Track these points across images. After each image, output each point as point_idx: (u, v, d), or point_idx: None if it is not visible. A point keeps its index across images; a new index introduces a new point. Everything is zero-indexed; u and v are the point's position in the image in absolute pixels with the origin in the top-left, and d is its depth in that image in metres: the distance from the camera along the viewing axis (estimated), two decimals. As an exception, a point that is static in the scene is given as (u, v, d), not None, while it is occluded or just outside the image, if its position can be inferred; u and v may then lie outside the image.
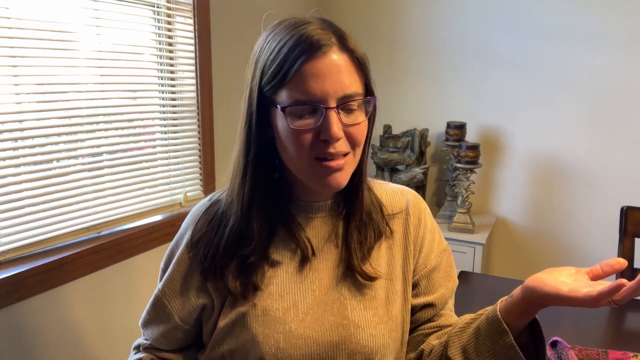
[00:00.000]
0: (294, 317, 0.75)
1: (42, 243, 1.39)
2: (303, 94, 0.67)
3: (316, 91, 0.66)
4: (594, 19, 2.17)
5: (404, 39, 2.51)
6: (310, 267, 0.78)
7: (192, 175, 1.87)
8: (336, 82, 0.67)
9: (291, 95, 0.67)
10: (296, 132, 0.68)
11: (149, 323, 0.85)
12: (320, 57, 0.67)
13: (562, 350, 1.06)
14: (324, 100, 0.67)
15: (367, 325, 0.76)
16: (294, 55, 0.67)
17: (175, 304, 0.82)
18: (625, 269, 0.70)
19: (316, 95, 0.67)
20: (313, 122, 0.68)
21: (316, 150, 0.69)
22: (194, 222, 0.81)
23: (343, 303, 0.77)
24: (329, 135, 0.67)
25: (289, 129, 0.69)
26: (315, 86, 0.66)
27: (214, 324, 0.79)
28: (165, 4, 1.69)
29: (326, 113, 0.67)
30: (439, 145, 2.52)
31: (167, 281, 0.82)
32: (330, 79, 0.67)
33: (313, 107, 0.68)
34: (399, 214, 0.84)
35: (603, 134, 2.24)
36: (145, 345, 0.86)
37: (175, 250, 0.83)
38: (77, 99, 1.43)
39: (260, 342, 0.73)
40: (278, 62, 0.68)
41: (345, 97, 0.68)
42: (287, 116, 0.68)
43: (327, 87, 0.66)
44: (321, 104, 0.67)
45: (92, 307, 1.52)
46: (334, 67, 0.67)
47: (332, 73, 0.67)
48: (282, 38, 0.69)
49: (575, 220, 2.34)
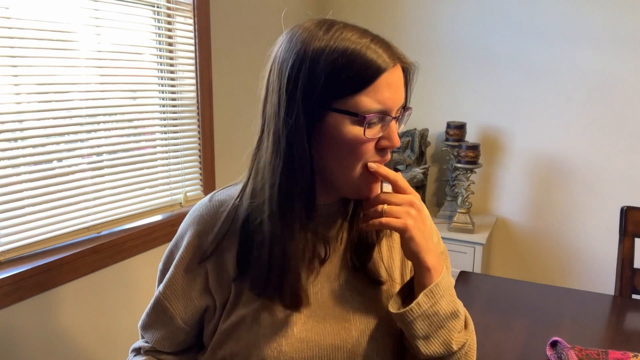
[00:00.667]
0: (296, 320, 0.75)
1: (42, 243, 1.39)
2: (379, 103, 0.67)
3: (389, 101, 0.68)
4: (594, 19, 2.17)
5: (404, 39, 2.51)
6: (315, 270, 0.77)
7: (192, 175, 1.87)
8: (400, 94, 0.70)
9: (366, 103, 0.67)
10: (365, 140, 0.69)
11: (150, 326, 0.84)
12: (392, 69, 0.69)
13: (562, 350, 1.06)
14: (392, 111, 0.70)
15: (368, 328, 0.76)
16: (374, 65, 0.67)
17: (177, 306, 0.80)
18: (626, 268, 0.70)
19: (388, 105, 0.68)
20: (378, 130, 0.70)
21: (372, 158, 0.71)
22: (196, 222, 0.79)
23: (345, 306, 0.77)
24: (393, 143, 0.70)
25: (358, 137, 0.68)
26: (389, 96, 0.68)
27: (215, 326, 0.79)
28: (165, 4, 1.69)
29: (391, 123, 0.70)
30: (439, 145, 2.52)
31: (169, 283, 0.81)
32: (397, 90, 0.70)
33: (385, 117, 0.69)
34: None
35: (603, 134, 2.24)
36: (146, 348, 0.85)
37: (176, 251, 0.81)
38: (77, 99, 1.43)
39: (262, 345, 0.73)
40: (354, 69, 0.66)
41: (401, 109, 0.72)
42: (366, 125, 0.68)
43: (396, 98, 0.69)
44: (390, 115, 0.70)
45: (92, 307, 1.52)
46: (400, 80, 0.70)
47: (399, 85, 0.70)
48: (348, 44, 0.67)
49: (575, 220, 2.34)
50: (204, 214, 0.79)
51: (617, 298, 1.40)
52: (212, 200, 0.81)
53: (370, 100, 0.67)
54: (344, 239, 0.80)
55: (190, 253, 0.79)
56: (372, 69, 0.67)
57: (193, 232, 0.79)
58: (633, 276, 1.45)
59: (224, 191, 0.82)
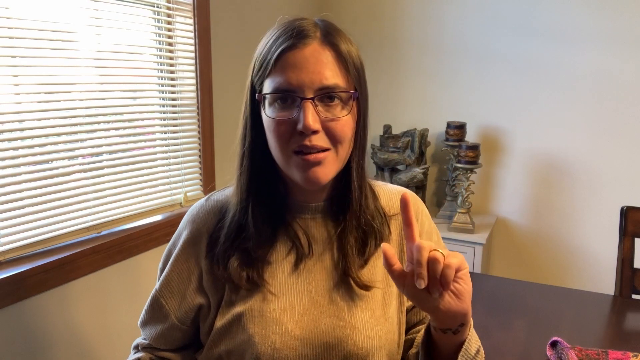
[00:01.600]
0: (290, 317, 0.75)
1: (42, 243, 1.39)
2: (281, 84, 0.67)
3: (293, 80, 0.66)
4: (594, 19, 2.17)
5: (404, 39, 2.51)
6: (306, 268, 0.78)
7: (192, 175, 1.87)
8: (314, 73, 0.67)
9: (271, 85, 0.69)
10: (275, 122, 0.69)
11: (147, 323, 0.86)
12: (301, 48, 0.67)
13: (562, 350, 1.06)
14: (301, 91, 0.67)
15: (364, 327, 0.76)
16: (276, 45, 0.68)
17: (172, 303, 0.82)
18: (626, 268, 0.70)
19: (292, 84, 0.67)
20: (291, 112, 0.68)
21: (294, 143, 0.69)
22: (192, 221, 0.81)
23: (340, 304, 0.77)
24: (303, 126, 0.66)
25: (269, 119, 0.70)
26: (292, 76, 0.66)
27: (211, 325, 0.79)
28: (165, 4, 1.69)
29: (302, 104, 0.67)
30: (439, 145, 2.52)
31: (164, 281, 0.82)
32: (307, 69, 0.66)
33: (290, 97, 0.67)
34: (396, 216, 0.83)
35: (603, 133, 2.24)
36: (143, 344, 0.87)
37: (173, 250, 0.83)
38: (77, 99, 1.43)
39: (257, 342, 0.73)
40: (263, 53, 0.70)
41: (324, 89, 0.67)
42: (267, 106, 0.69)
43: (303, 77, 0.66)
44: (298, 94, 0.67)
45: (92, 307, 1.52)
46: (313, 59, 0.67)
47: (310, 64, 0.67)
48: (272, 32, 0.71)
49: (575, 220, 2.34)
50: (200, 213, 0.81)
51: (617, 298, 1.40)
52: (208, 200, 0.83)
53: (271, 81, 0.68)
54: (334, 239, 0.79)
55: (186, 252, 0.81)
56: (272, 51, 0.68)
57: (189, 232, 0.81)
58: (633, 276, 1.45)
59: (221, 192, 0.84)
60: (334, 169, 0.73)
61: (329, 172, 0.72)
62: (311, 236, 0.79)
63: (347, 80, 0.71)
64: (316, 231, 0.79)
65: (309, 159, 0.69)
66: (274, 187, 0.77)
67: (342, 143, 0.71)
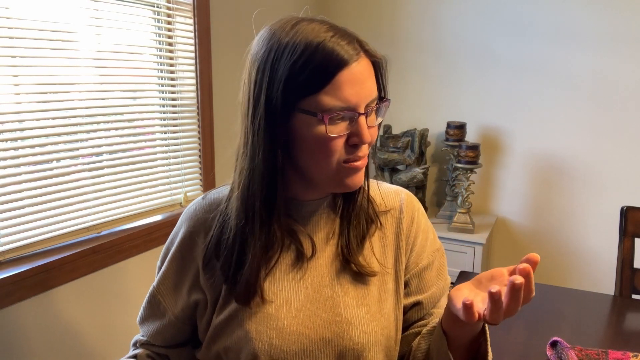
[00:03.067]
0: (286, 313, 0.76)
1: (42, 243, 1.39)
2: (340, 100, 0.67)
3: (352, 98, 0.67)
4: (594, 19, 2.17)
5: (403, 39, 2.51)
6: (303, 265, 0.79)
7: (192, 175, 1.87)
8: (366, 89, 0.69)
9: (327, 102, 0.67)
10: (330, 138, 0.69)
11: (145, 320, 0.87)
12: (354, 65, 0.67)
13: (562, 350, 1.06)
14: (358, 107, 0.68)
15: (360, 322, 0.77)
16: (332, 62, 0.66)
17: (169, 301, 0.83)
18: (626, 268, 0.69)
19: (351, 102, 0.68)
20: (345, 127, 0.69)
21: (345, 155, 0.71)
22: (189, 219, 0.82)
23: (336, 300, 0.77)
24: (362, 140, 0.69)
25: (324, 135, 0.68)
26: (352, 93, 0.67)
27: (208, 322, 0.80)
28: (165, 4, 1.69)
29: (359, 119, 0.69)
30: (439, 145, 2.52)
31: (161, 278, 0.83)
32: (362, 85, 0.68)
33: (350, 113, 0.69)
34: (392, 211, 0.85)
35: (603, 133, 2.24)
36: (142, 341, 0.88)
37: (170, 247, 0.84)
38: (77, 99, 1.43)
39: (254, 338, 0.74)
40: (311, 68, 0.66)
41: (371, 102, 0.70)
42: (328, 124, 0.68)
43: (360, 94, 0.68)
44: (356, 111, 0.69)
45: (92, 307, 1.52)
46: (365, 74, 0.69)
47: (365, 80, 0.69)
48: (307, 44, 0.67)
49: (575, 220, 2.34)
50: (197, 211, 0.82)
51: (617, 298, 1.40)
52: (205, 198, 0.83)
53: (330, 98, 0.67)
54: (336, 233, 0.81)
55: (182, 250, 0.81)
56: (330, 66, 0.66)
57: (185, 230, 0.81)
58: (633, 276, 1.45)
59: (217, 190, 0.84)
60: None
61: (363, 173, 0.76)
62: (313, 233, 0.80)
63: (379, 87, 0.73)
64: (316, 227, 0.80)
65: (358, 166, 0.72)
66: (273, 186, 0.76)
67: (373, 144, 0.75)
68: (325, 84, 0.66)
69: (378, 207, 0.84)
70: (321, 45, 0.67)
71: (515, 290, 0.56)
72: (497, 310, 0.57)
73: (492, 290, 0.56)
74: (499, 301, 0.57)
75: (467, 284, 0.67)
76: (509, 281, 0.56)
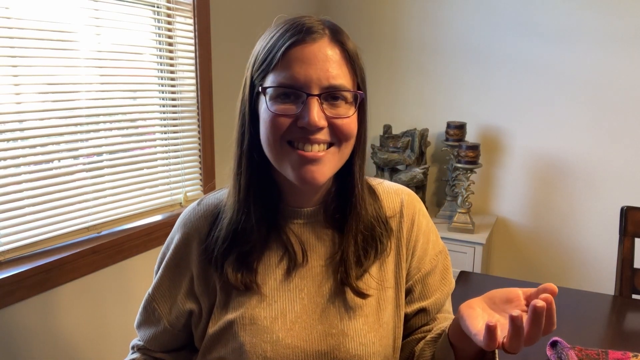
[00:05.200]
0: (281, 326, 0.73)
1: (42, 243, 1.39)
2: (287, 78, 0.65)
3: (300, 76, 0.65)
4: (594, 19, 2.17)
5: (404, 39, 2.51)
6: (299, 275, 0.76)
7: (192, 175, 1.87)
8: (322, 71, 0.65)
9: (275, 79, 0.66)
10: (274, 115, 0.66)
11: (141, 325, 0.86)
12: (309, 43, 0.66)
13: (562, 350, 1.06)
14: (307, 87, 0.65)
15: (357, 334, 0.74)
16: (283, 39, 0.66)
17: (163, 308, 0.81)
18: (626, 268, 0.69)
19: (299, 80, 0.65)
20: (294, 108, 0.66)
21: (290, 134, 0.67)
22: (183, 225, 0.80)
23: (332, 312, 0.75)
24: (306, 122, 0.65)
25: (267, 112, 0.67)
26: (300, 71, 0.65)
27: (203, 331, 0.79)
28: (165, 4, 1.69)
29: (307, 100, 0.65)
30: (439, 145, 2.52)
31: (157, 285, 0.82)
32: (315, 66, 0.65)
33: (294, 93, 0.66)
34: (393, 218, 0.81)
35: (603, 133, 2.24)
36: (139, 346, 0.88)
37: (165, 253, 0.82)
38: (77, 99, 1.43)
39: (248, 351, 0.72)
40: (268, 47, 0.68)
41: (330, 88, 0.66)
42: (269, 100, 0.67)
43: (311, 73, 0.65)
44: (303, 90, 0.65)
45: (92, 307, 1.52)
46: (321, 55, 0.66)
47: (318, 61, 0.65)
48: (277, 27, 0.70)
49: (575, 220, 2.34)
50: (192, 217, 0.80)
51: (617, 298, 1.40)
52: (200, 204, 0.81)
53: (278, 74, 0.66)
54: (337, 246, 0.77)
55: (177, 256, 0.80)
56: (278, 45, 0.66)
57: (180, 236, 0.80)
58: (633, 276, 1.45)
59: (213, 195, 0.83)
60: (333, 168, 0.70)
61: (327, 172, 0.69)
62: (304, 243, 0.77)
63: (353, 81, 0.70)
64: (309, 237, 0.77)
65: (306, 155, 0.67)
66: (269, 190, 0.75)
67: (348, 141, 0.70)
68: (275, 61, 0.66)
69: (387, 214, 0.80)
70: (282, 27, 0.68)
71: (537, 315, 0.52)
72: (518, 337, 0.53)
73: (514, 314, 0.52)
74: (521, 327, 0.53)
75: (478, 301, 0.64)
76: (531, 305, 0.53)
